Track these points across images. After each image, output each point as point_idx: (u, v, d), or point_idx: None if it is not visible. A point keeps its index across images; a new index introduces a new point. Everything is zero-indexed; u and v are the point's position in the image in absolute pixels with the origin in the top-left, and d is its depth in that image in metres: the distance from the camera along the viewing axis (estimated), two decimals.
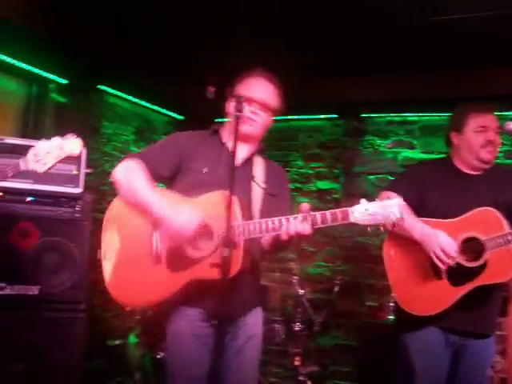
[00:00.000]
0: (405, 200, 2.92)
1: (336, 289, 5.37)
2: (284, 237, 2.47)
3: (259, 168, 2.88)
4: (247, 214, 2.65)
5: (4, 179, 2.69)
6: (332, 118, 6.43)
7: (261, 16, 4.57)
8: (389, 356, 3.47)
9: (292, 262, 5.22)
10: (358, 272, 5.99)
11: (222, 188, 2.56)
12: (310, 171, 6.40)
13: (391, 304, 4.82)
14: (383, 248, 3.22)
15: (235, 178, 2.47)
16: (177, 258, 2.59)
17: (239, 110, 2.53)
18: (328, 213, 2.43)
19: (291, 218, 2.46)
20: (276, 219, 2.49)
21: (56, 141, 2.62)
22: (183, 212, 2.51)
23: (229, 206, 2.32)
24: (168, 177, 2.79)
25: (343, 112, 6.27)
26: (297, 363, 4.92)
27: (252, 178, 2.81)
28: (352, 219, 2.39)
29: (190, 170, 2.76)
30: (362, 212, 2.38)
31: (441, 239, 2.90)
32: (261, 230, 2.51)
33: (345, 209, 2.41)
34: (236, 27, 4.76)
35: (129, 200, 2.67)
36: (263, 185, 2.82)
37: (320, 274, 6.21)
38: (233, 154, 2.49)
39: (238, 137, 2.49)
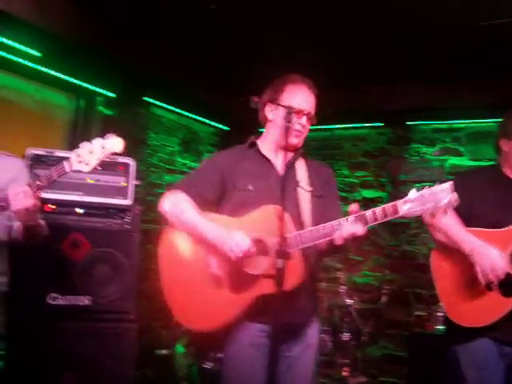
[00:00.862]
0: (454, 210, 2.88)
1: (383, 298, 5.31)
2: (339, 242, 2.43)
3: (302, 171, 2.83)
4: (298, 223, 2.63)
5: (50, 181, 2.73)
6: (377, 127, 6.41)
7: (304, 26, 4.59)
8: (439, 367, 3.41)
9: (339, 272, 5.18)
10: (405, 281, 5.92)
11: (269, 202, 2.58)
12: (356, 180, 6.36)
13: (440, 314, 4.74)
14: (431, 257, 3.16)
15: (281, 188, 2.50)
16: (237, 278, 2.61)
17: (289, 120, 2.52)
18: (378, 209, 2.38)
19: (342, 220, 2.42)
20: (328, 225, 2.46)
21: (97, 141, 2.64)
22: (234, 236, 2.53)
23: (281, 218, 2.31)
24: (214, 199, 2.81)
25: (388, 120, 6.23)
26: (345, 374, 4.88)
27: (297, 183, 2.76)
28: (402, 212, 2.33)
29: (235, 189, 2.76)
30: (412, 203, 2.32)
31: (492, 256, 2.82)
32: (313, 237, 2.49)
33: (394, 202, 2.36)
34: (279, 37, 4.78)
35: (181, 230, 2.75)
36: (309, 188, 2.77)
37: (367, 284, 6.16)
38: (287, 165, 2.51)
39: (287, 148, 2.49)
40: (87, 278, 3.75)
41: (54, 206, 3.67)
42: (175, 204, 2.76)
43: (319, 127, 6.37)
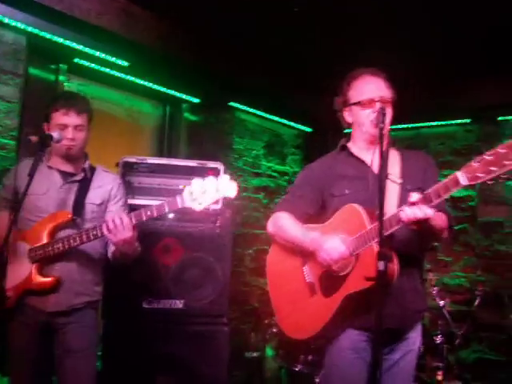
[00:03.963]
0: None
1: (477, 300, 5.15)
2: (413, 227, 2.36)
3: (395, 163, 2.77)
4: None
5: (161, 214, 2.83)
6: (465, 124, 6.22)
7: (387, 23, 4.53)
8: None
9: (429, 273, 5.06)
10: (499, 282, 5.73)
11: (366, 203, 2.57)
12: (444, 179, 6.18)
13: None
14: None
15: (372, 183, 2.61)
16: (327, 282, 2.67)
17: (382, 121, 2.47)
18: (439, 186, 2.28)
19: (405, 206, 2.33)
20: (395, 212, 2.40)
21: (211, 181, 2.69)
22: (329, 242, 2.59)
23: (376, 218, 2.28)
24: (316, 212, 2.86)
25: (477, 116, 6.04)
26: (439, 378, 4.74)
27: (386, 176, 2.65)
28: (463, 182, 2.18)
29: (333, 196, 2.77)
30: (473, 171, 2.15)
31: None
32: (385, 228, 2.39)
33: (453, 174, 2.22)
34: (362, 36, 4.74)
35: (286, 246, 2.86)
36: (399, 180, 2.69)
37: (458, 285, 6.00)
38: (381, 160, 2.44)
39: (382, 150, 2.43)
40: (180, 282, 3.82)
41: None
42: (276, 224, 2.89)
43: (404, 126, 6.28)
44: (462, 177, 2.18)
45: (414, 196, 2.31)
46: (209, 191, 2.69)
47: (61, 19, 4.13)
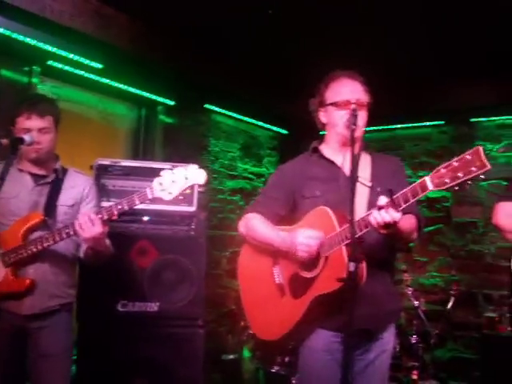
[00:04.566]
0: None
1: (451, 300, 5.20)
2: (382, 230, 2.35)
3: (366, 166, 2.78)
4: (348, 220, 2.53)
5: (132, 207, 2.82)
6: (439, 125, 6.31)
7: (363, 25, 4.55)
8: None
9: (405, 273, 5.10)
10: (473, 282, 5.81)
11: (337, 205, 2.58)
12: (413, 183, 6.22)
13: None
14: None
15: (343, 185, 2.62)
16: (296, 284, 2.68)
17: (354, 123, 2.49)
18: (407, 190, 2.26)
19: (374, 210, 2.34)
20: (364, 215, 2.40)
21: (181, 171, 2.71)
22: (300, 233, 2.59)
23: (349, 220, 2.29)
24: (287, 213, 2.87)
25: (451, 118, 6.12)
26: (414, 377, 4.78)
27: (356, 178, 2.61)
28: (431, 187, 2.19)
29: (304, 198, 2.78)
30: (441, 176, 2.15)
31: None
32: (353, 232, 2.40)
33: (421, 179, 2.22)
34: (337, 38, 4.75)
35: (257, 247, 2.88)
36: (369, 183, 2.71)
37: (433, 285, 6.06)
38: (353, 168, 2.46)
39: (354, 150, 2.45)
40: (155, 284, 3.79)
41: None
42: (247, 225, 2.90)
43: (379, 128, 6.32)
44: (430, 182, 2.20)
45: (382, 200, 2.31)
46: (178, 180, 2.70)
47: (33, 21, 4.09)
